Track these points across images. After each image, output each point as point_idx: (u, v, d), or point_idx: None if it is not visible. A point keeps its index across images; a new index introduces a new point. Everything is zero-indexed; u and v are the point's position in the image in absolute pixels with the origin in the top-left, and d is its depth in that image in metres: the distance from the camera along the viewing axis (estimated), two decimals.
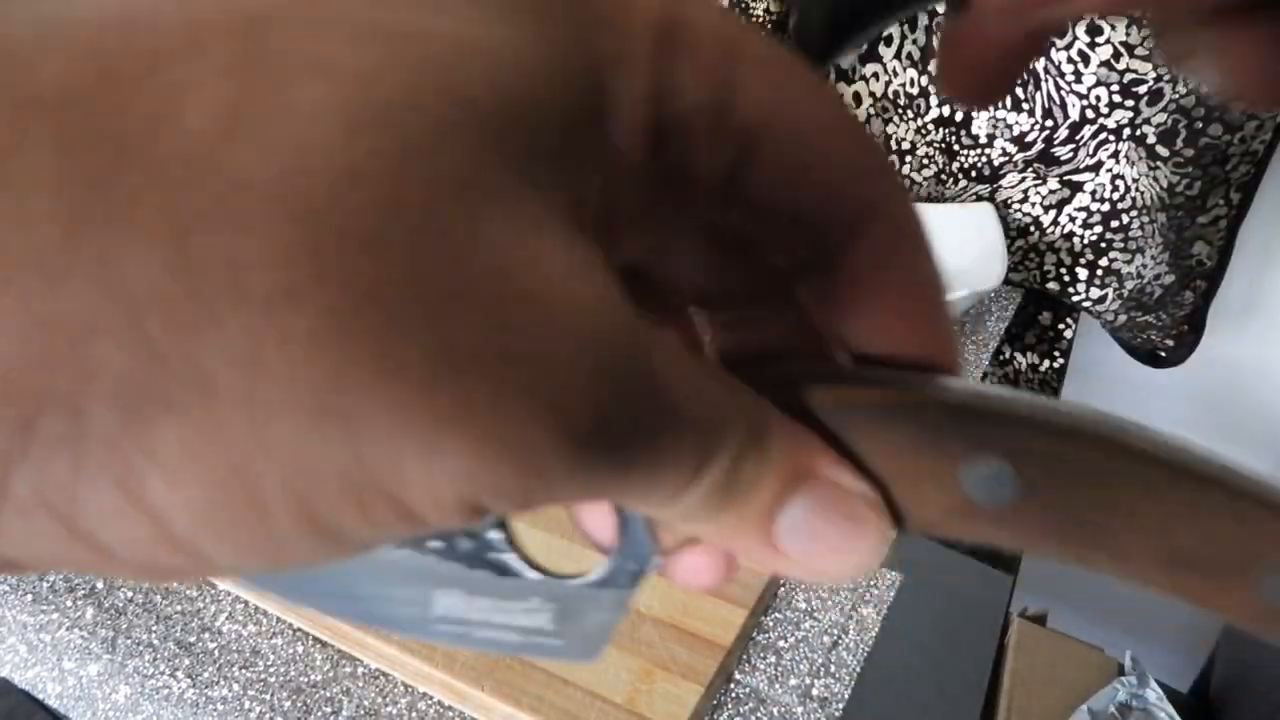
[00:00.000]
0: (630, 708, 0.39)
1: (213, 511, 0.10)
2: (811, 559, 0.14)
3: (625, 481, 0.12)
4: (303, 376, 0.09)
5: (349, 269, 0.09)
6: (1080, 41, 0.69)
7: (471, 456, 0.10)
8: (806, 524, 0.14)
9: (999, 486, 0.15)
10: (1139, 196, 0.72)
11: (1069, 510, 0.16)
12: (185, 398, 0.09)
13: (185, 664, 0.44)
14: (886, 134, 0.82)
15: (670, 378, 0.12)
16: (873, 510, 0.15)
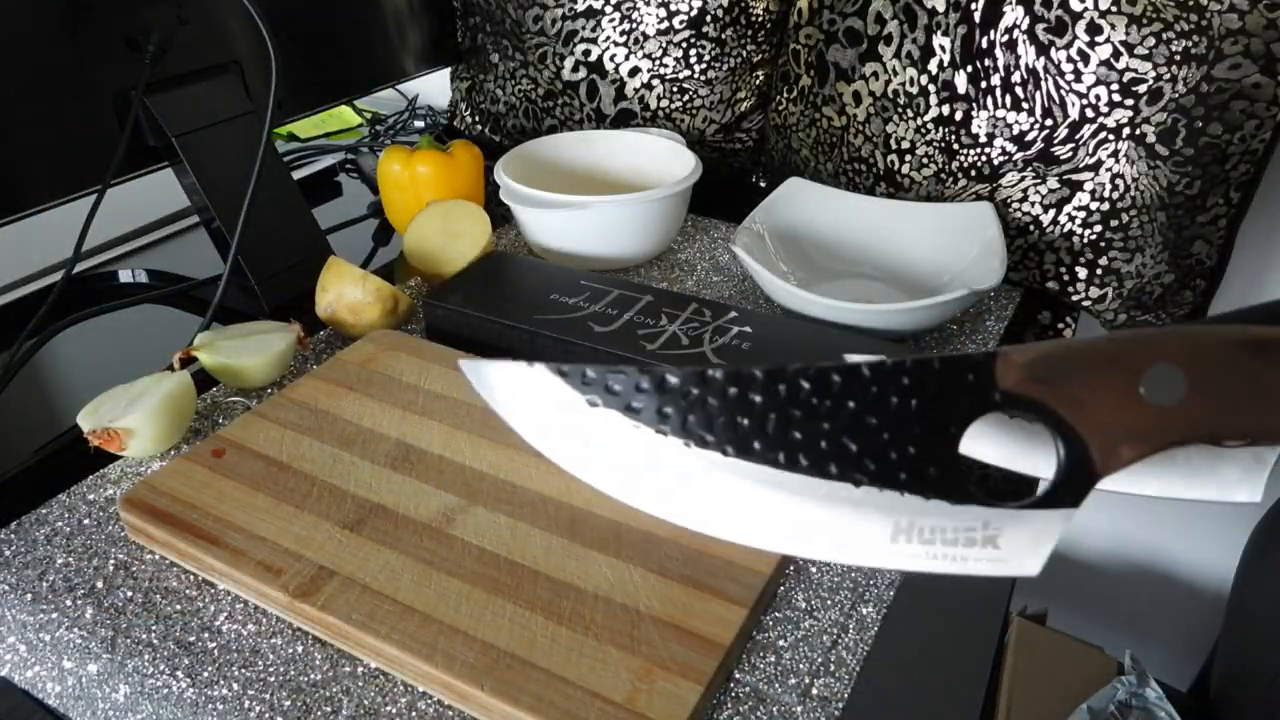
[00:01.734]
0: (630, 707, 0.39)
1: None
2: None
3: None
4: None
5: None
6: (1080, 41, 0.69)
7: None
8: None
9: (1174, 385, 0.20)
10: (1139, 196, 0.72)
11: (1226, 395, 0.20)
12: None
13: (185, 664, 0.44)
14: (886, 133, 0.82)
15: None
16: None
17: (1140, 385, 0.20)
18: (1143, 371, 0.20)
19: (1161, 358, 0.20)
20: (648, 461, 0.23)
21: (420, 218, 0.75)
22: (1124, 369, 0.20)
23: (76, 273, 0.72)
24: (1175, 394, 0.20)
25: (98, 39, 0.68)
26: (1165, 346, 0.20)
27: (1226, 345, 0.20)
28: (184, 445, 0.58)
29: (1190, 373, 0.20)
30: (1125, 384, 0.20)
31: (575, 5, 0.92)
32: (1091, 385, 0.21)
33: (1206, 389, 0.20)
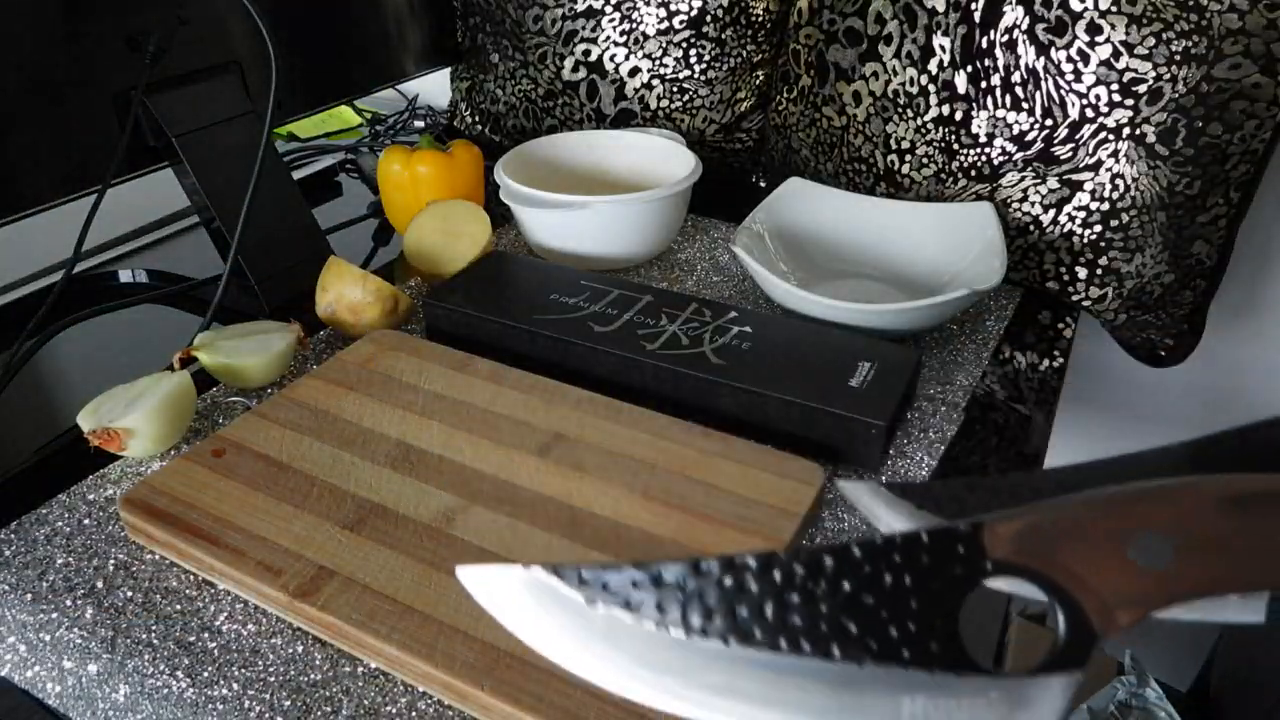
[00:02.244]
0: (630, 706, 0.39)
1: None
2: None
3: None
4: None
5: None
6: (1080, 41, 0.69)
7: None
8: None
9: (1162, 550, 0.21)
10: (1139, 196, 0.72)
11: (1213, 555, 0.21)
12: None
13: (185, 664, 0.44)
14: (886, 133, 0.82)
15: None
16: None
17: (1128, 551, 0.21)
18: (1130, 538, 0.21)
19: (1147, 525, 0.21)
20: (652, 657, 0.23)
21: (420, 218, 0.75)
22: (1110, 537, 0.21)
23: (76, 273, 0.72)
24: (1163, 559, 0.21)
25: (98, 39, 0.68)
26: (1150, 513, 0.21)
27: (1207, 505, 0.21)
28: (184, 445, 0.58)
29: (1177, 538, 0.21)
30: (1113, 552, 0.21)
31: (575, 5, 0.92)
32: (1081, 555, 0.21)
33: (1193, 552, 0.21)
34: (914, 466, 0.57)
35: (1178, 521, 0.21)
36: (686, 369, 0.59)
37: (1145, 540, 0.21)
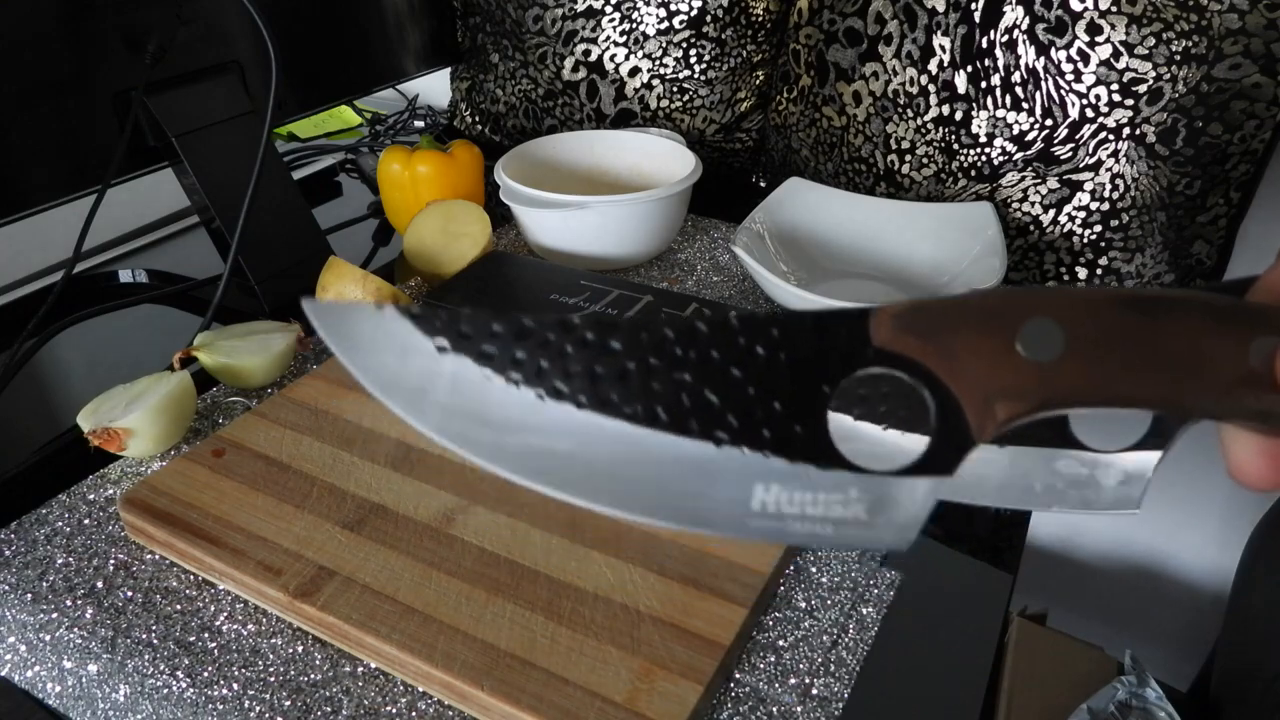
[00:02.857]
0: (630, 706, 0.39)
1: None
2: None
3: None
4: None
5: None
6: (1080, 41, 0.69)
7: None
8: None
9: (1051, 340, 0.19)
10: (1139, 196, 0.72)
11: (1106, 353, 0.19)
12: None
13: (185, 664, 0.44)
14: (886, 133, 0.82)
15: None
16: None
17: (1016, 340, 0.19)
18: (1019, 326, 0.19)
19: (1039, 312, 0.19)
20: (498, 416, 0.21)
21: (420, 218, 0.75)
22: (1000, 323, 0.20)
23: (76, 273, 0.72)
24: (1052, 350, 0.19)
25: (98, 39, 0.68)
26: (1044, 302, 0.19)
27: (1109, 303, 0.19)
28: (184, 445, 0.58)
29: (1069, 328, 0.19)
30: (1001, 338, 0.19)
31: (575, 5, 0.92)
32: (966, 339, 0.20)
33: (1085, 346, 0.19)
34: None
35: (1073, 311, 0.19)
36: None
37: (1036, 327, 0.19)
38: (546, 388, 0.21)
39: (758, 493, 0.20)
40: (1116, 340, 0.19)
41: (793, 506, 0.20)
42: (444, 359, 0.21)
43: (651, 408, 0.21)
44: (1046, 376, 0.19)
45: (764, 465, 0.20)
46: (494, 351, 0.21)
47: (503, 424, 0.21)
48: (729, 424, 0.21)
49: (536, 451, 0.21)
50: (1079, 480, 0.22)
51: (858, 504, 0.20)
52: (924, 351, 0.20)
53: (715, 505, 0.20)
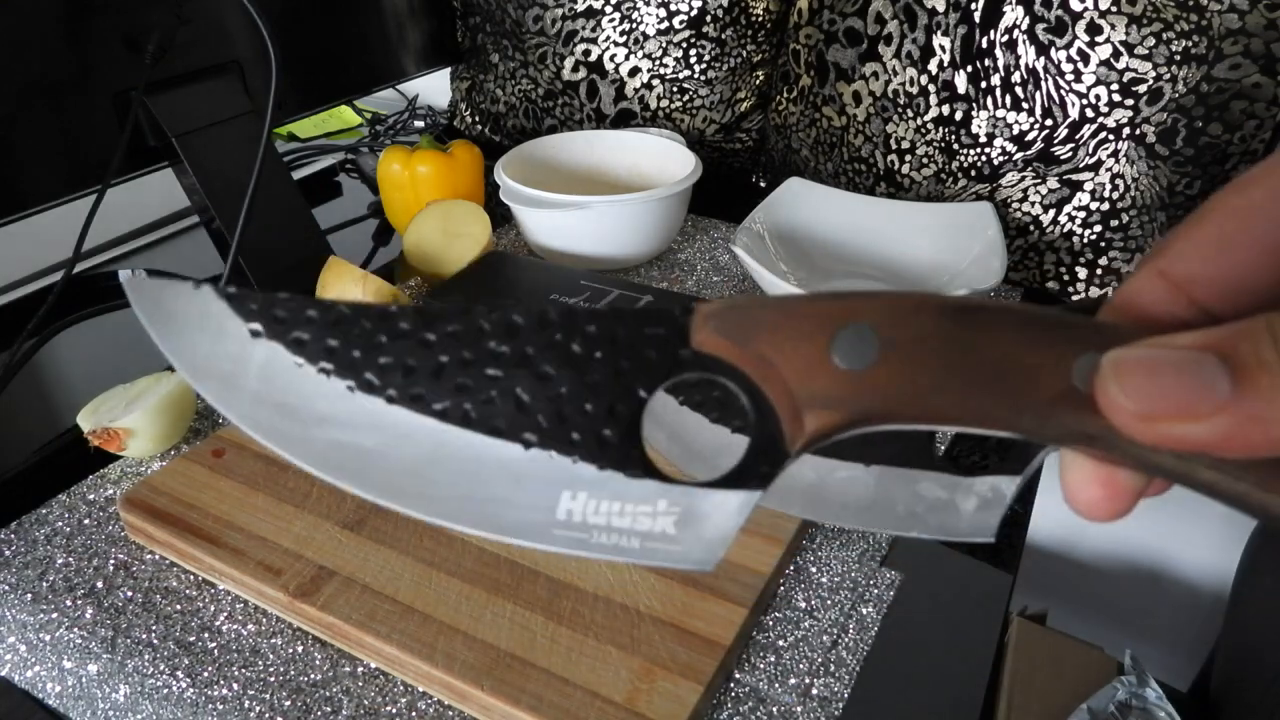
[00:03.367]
0: (630, 707, 0.39)
1: None
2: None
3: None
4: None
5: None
6: (1080, 41, 0.69)
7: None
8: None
9: (866, 346, 0.18)
10: (1139, 196, 0.72)
11: (922, 363, 0.18)
12: None
13: (185, 664, 0.44)
14: (886, 133, 0.82)
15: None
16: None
17: (831, 346, 0.18)
18: (835, 332, 0.18)
19: (856, 317, 0.18)
20: (306, 407, 0.20)
21: (420, 218, 0.75)
22: (816, 327, 0.18)
23: (76, 273, 0.72)
24: (867, 358, 0.18)
25: (98, 39, 0.68)
26: (861, 307, 0.18)
27: (928, 310, 0.18)
28: (184, 445, 0.58)
29: (884, 335, 0.18)
30: (814, 344, 0.18)
31: (575, 5, 0.92)
32: (779, 344, 0.18)
33: (900, 356, 0.18)
34: None
35: (890, 318, 0.18)
36: None
37: (851, 333, 0.18)
38: (357, 379, 0.20)
39: (564, 501, 0.19)
40: (933, 351, 0.18)
41: (598, 517, 0.19)
42: (257, 344, 0.20)
43: (461, 405, 0.20)
44: (859, 386, 0.18)
45: (571, 471, 0.19)
46: (308, 339, 0.20)
47: (311, 416, 0.20)
48: (539, 425, 0.19)
49: (342, 446, 0.20)
50: (938, 505, 0.22)
51: (665, 517, 0.19)
52: (740, 355, 0.19)
53: (520, 512, 0.19)
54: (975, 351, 0.18)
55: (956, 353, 0.18)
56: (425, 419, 0.20)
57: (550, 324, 0.20)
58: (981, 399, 0.18)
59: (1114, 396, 0.17)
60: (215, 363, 0.20)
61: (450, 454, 0.20)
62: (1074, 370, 0.18)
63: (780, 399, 0.19)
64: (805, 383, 0.18)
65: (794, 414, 0.19)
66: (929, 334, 0.18)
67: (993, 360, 0.18)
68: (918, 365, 0.18)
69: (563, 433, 0.19)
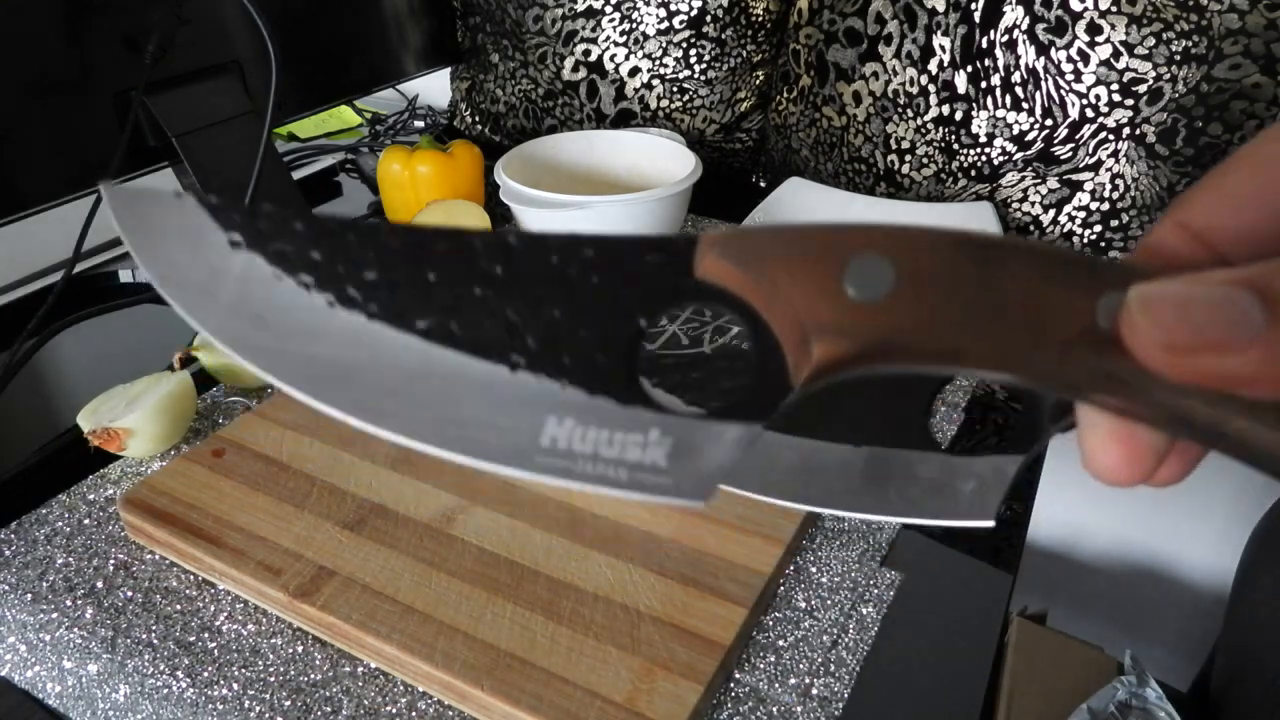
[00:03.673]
0: (630, 706, 0.39)
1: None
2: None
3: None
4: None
5: None
6: (1080, 41, 0.69)
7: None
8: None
9: (879, 276, 0.17)
10: (1139, 196, 0.72)
11: (938, 296, 0.17)
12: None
13: (185, 664, 0.44)
14: (886, 133, 0.82)
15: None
16: None
17: (844, 275, 0.17)
18: (849, 260, 0.17)
19: (872, 247, 0.17)
20: (284, 320, 0.19)
21: (420, 218, 0.75)
22: (829, 255, 0.17)
23: (76, 273, 0.72)
24: (880, 288, 0.17)
25: (98, 39, 0.68)
26: (878, 237, 0.17)
27: (947, 244, 0.17)
28: (184, 445, 0.58)
29: (900, 266, 0.17)
30: (828, 271, 0.17)
31: (575, 5, 0.92)
32: (790, 271, 0.18)
33: (915, 287, 0.17)
34: None
35: (907, 249, 0.17)
36: None
37: (865, 262, 0.17)
38: (339, 293, 0.19)
39: (549, 426, 0.18)
40: (950, 284, 0.17)
41: (585, 445, 0.18)
42: (235, 254, 0.19)
43: (446, 323, 0.19)
44: (871, 317, 0.17)
45: (559, 396, 0.18)
46: (290, 250, 0.19)
47: (288, 329, 0.19)
48: (527, 347, 0.18)
49: (319, 361, 0.19)
50: (934, 487, 0.21)
51: (657, 448, 0.18)
52: (745, 282, 0.18)
53: (502, 436, 0.18)
54: (994, 287, 0.17)
55: (974, 288, 0.17)
56: (407, 336, 0.19)
57: (546, 247, 0.19)
58: (999, 336, 0.17)
59: (1142, 330, 0.16)
60: (191, 272, 0.20)
61: (431, 373, 0.19)
62: (1098, 308, 0.17)
63: (786, 329, 0.18)
64: (814, 311, 0.17)
65: (801, 344, 0.18)
66: (946, 267, 0.17)
67: (1012, 296, 0.17)
68: (933, 298, 0.17)
69: (553, 356, 0.18)
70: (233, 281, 0.19)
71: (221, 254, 0.20)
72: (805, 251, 0.18)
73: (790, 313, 0.18)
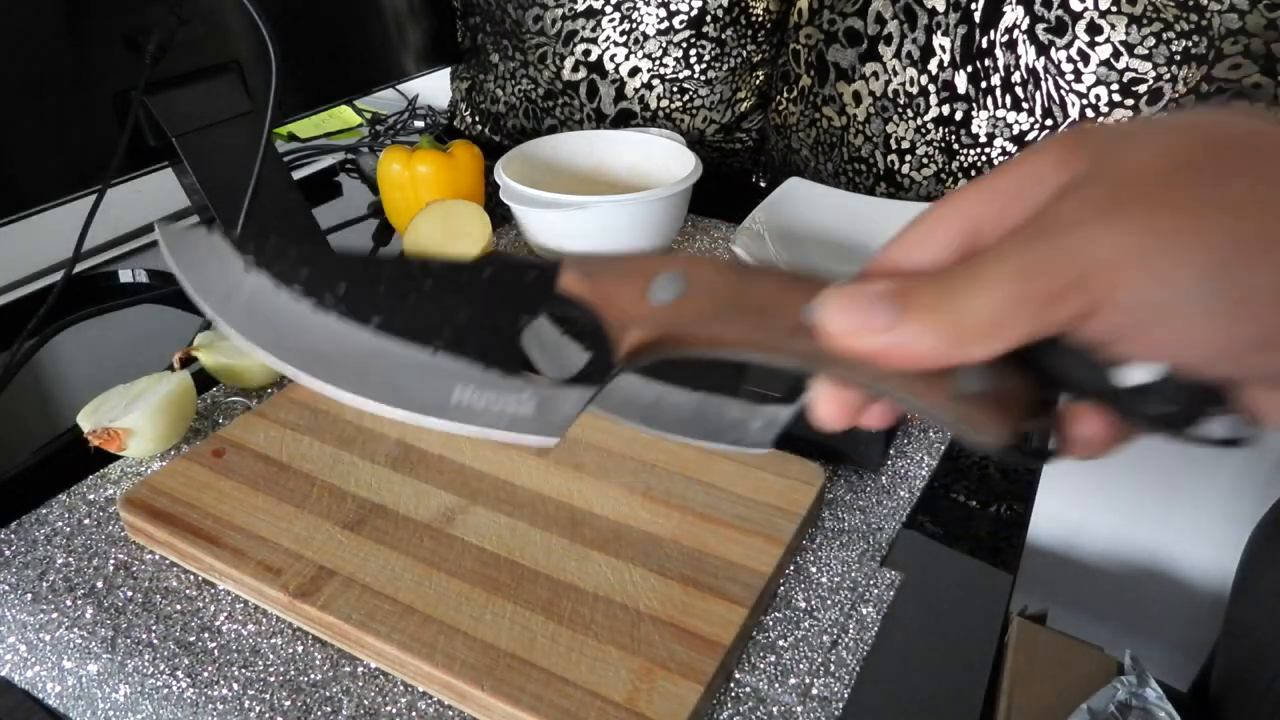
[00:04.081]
0: (630, 706, 0.39)
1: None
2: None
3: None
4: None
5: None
6: (1080, 41, 0.69)
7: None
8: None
9: (673, 286, 0.26)
10: None
11: (709, 300, 0.26)
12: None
13: (185, 664, 0.44)
14: (886, 133, 0.82)
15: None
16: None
17: (650, 288, 0.26)
18: (655, 276, 0.26)
19: (671, 268, 0.26)
20: (281, 320, 0.28)
21: (420, 218, 0.75)
22: (640, 272, 0.26)
23: (76, 273, 0.72)
24: (672, 295, 0.26)
25: (98, 39, 0.68)
26: (676, 261, 0.27)
27: (717, 265, 0.26)
28: (184, 445, 0.58)
29: (687, 280, 0.26)
30: (639, 284, 0.26)
31: (575, 5, 0.92)
32: (616, 284, 0.26)
33: (695, 293, 0.26)
34: (914, 466, 0.57)
35: (692, 268, 0.26)
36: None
37: (665, 277, 0.26)
38: (319, 300, 0.28)
39: (457, 390, 0.27)
40: (717, 293, 0.26)
41: (480, 402, 0.27)
42: (248, 273, 0.28)
43: (390, 320, 0.28)
44: (664, 315, 0.26)
45: (465, 369, 0.27)
46: (285, 270, 0.28)
47: (284, 325, 0.28)
48: (444, 336, 0.27)
49: (305, 348, 0.28)
50: (735, 423, 0.30)
51: (529, 403, 0.27)
52: (587, 292, 0.27)
53: (426, 395, 0.27)
54: (745, 295, 0.25)
55: (732, 295, 0.25)
56: (364, 329, 0.28)
57: (459, 269, 0.28)
58: (746, 328, 0.25)
59: (818, 319, 0.24)
60: (217, 285, 0.29)
61: (379, 353, 0.27)
62: (807, 308, 0.25)
63: (612, 324, 0.26)
64: (629, 312, 0.26)
65: (621, 334, 0.26)
66: (716, 281, 0.26)
67: (754, 301, 0.25)
68: (706, 302, 0.26)
69: (460, 343, 0.27)
70: (246, 291, 0.28)
71: (238, 273, 0.28)
72: (626, 270, 0.27)
73: (615, 313, 0.26)
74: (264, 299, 0.28)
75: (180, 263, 0.29)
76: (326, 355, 0.27)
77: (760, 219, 0.77)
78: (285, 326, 0.28)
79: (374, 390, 0.27)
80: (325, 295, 0.28)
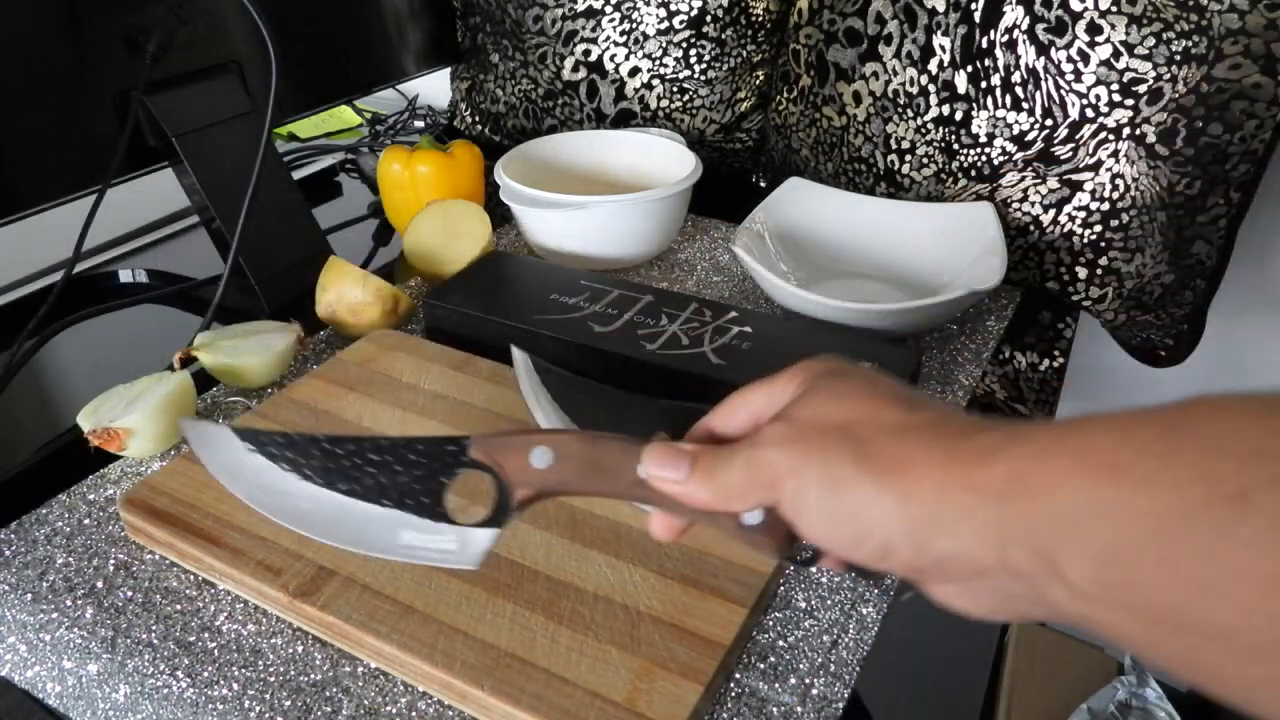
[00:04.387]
0: (630, 706, 0.39)
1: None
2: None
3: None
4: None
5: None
6: (1080, 41, 0.69)
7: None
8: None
9: (546, 456, 0.36)
10: (1139, 196, 0.72)
11: (573, 464, 0.36)
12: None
13: (185, 664, 0.44)
14: (886, 133, 0.82)
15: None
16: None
17: (529, 457, 0.36)
18: (532, 449, 0.36)
19: (543, 443, 0.36)
20: (277, 488, 0.38)
21: (420, 218, 0.75)
22: (524, 447, 0.36)
23: (76, 273, 0.72)
24: (546, 462, 0.36)
25: (98, 39, 0.68)
26: (547, 437, 0.36)
27: (578, 438, 0.36)
28: (184, 445, 0.58)
29: (555, 451, 0.36)
30: (522, 455, 0.36)
31: (575, 5, 0.92)
32: (505, 455, 0.36)
33: (563, 461, 0.36)
34: None
35: (559, 442, 0.36)
36: (686, 369, 0.59)
37: (538, 449, 0.36)
38: (301, 472, 0.38)
39: (403, 534, 0.37)
40: (578, 459, 0.35)
41: (419, 541, 0.37)
42: (250, 455, 0.39)
43: (352, 485, 0.38)
44: (542, 476, 0.36)
45: (407, 520, 0.37)
46: (276, 452, 0.39)
47: (280, 492, 0.38)
48: (390, 495, 0.38)
49: (294, 508, 0.38)
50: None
51: (452, 542, 0.37)
52: (489, 458, 0.36)
53: (381, 540, 0.37)
54: (598, 459, 0.35)
55: (589, 460, 0.35)
56: (334, 493, 0.38)
57: (400, 445, 0.38)
58: (600, 482, 0.35)
59: (642, 471, 0.34)
60: (229, 464, 0.39)
61: (346, 511, 0.38)
62: (637, 469, 0.34)
63: (508, 482, 0.36)
64: (518, 474, 0.36)
65: (514, 490, 0.36)
66: (577, 449, 0.36)
67: (606, 463, 0.35)
68: (571, 465, 0.36)
69: (402, 500, 0.37)
70: (250, 468, 0.39)
71: (243, 455, 0.39)
72: (514, 445, 0.36)
73: (509, 475, 0.36)
74: (264, 473, 0.38)
75: (201, 450, 0.40)
76: (309, 513, 0.38)
77: (760, 219, 0.77)
78: (278, 494, 0.38)
79: (345, 537, 0.37)
80: (305, 469, 0.38)
